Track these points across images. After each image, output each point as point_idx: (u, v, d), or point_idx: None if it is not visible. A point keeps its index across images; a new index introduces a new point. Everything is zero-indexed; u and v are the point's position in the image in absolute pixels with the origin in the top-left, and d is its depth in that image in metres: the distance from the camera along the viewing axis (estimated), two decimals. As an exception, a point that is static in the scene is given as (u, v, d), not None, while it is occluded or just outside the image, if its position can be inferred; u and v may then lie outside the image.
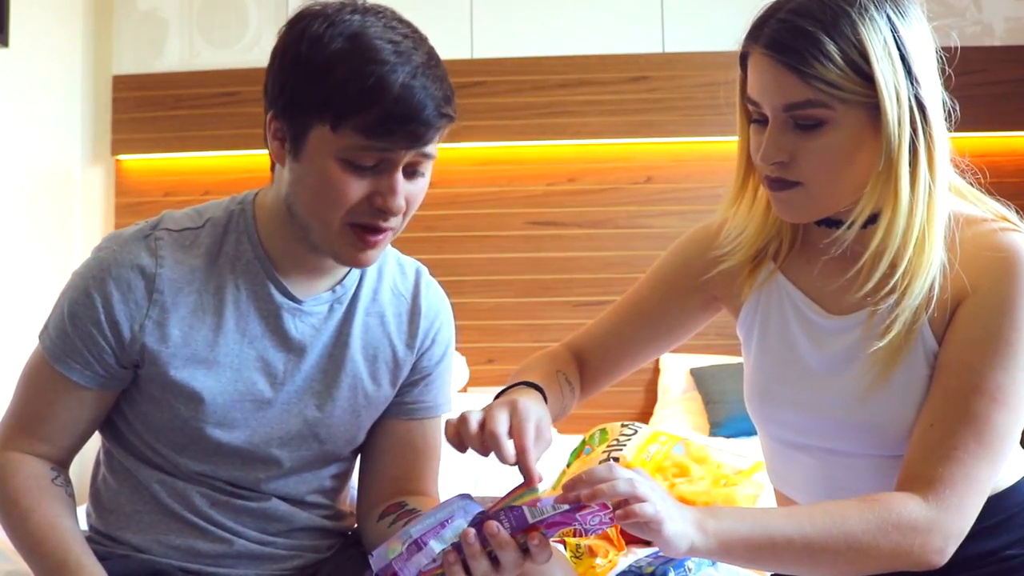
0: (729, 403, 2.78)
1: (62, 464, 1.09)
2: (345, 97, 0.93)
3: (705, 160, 3.21)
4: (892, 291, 0.95)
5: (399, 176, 0.97)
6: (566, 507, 0.82)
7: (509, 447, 0.87)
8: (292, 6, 3.26)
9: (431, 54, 0.98)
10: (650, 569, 1.40)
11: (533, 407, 0.92)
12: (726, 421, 2.77)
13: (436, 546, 0.86)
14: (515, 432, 0.88)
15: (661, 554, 1.50)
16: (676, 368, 3.10)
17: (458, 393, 3.06)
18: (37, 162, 3.06)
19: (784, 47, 0.91)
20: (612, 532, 1.56)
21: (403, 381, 1.17)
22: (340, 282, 1.11)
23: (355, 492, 1.23)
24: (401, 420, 1.17)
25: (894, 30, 0.91)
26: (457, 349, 3.18)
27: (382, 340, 1.14)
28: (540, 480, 0.88)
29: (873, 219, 0.96)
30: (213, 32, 3.30)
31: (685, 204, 3.18)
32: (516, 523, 0.83)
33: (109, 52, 3.34)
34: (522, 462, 0.87)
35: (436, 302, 1.19)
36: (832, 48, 0.89)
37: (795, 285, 1.06)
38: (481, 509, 0.88)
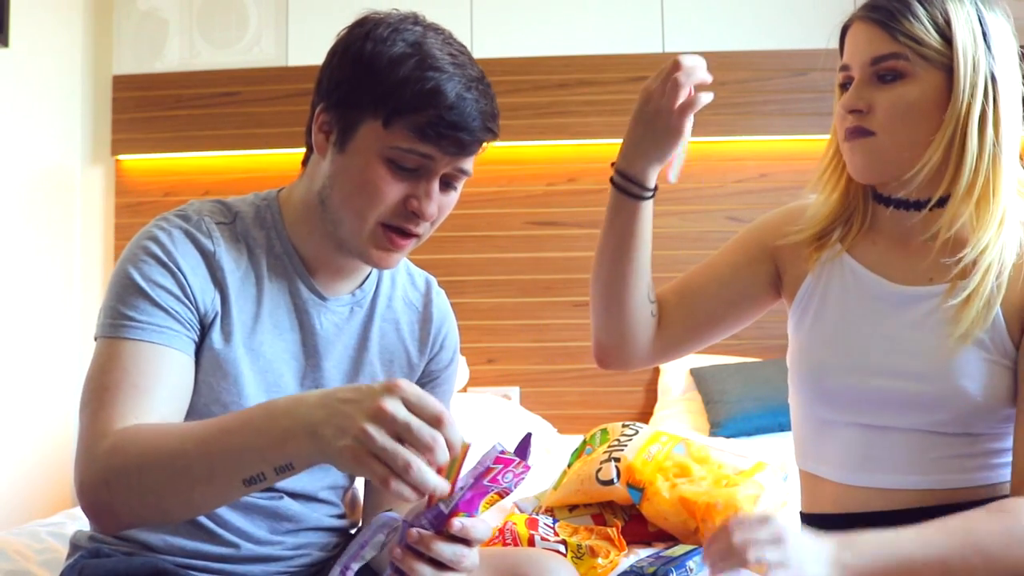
0: (729, 403, 2.78)
1: None
2: (403, 96, 0.97)
3: (705, 160, 3.21)
4: (966, 256, 1.01)
5: (436, 184, 1.02)
6: (471, 481, 0.83)
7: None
8: (292, 6, 3.26)
9: (482, 72, 1.03)
10: (651, 569, 1.40)
11: None
12: (726, 421, 2.76)
13: (355, 566, 0.87)
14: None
15: (662, 554, 1.50)
16: (676, 368, 3.10)
17: (458, 393, 3.06)
18: (37, 162, 3.06)
19: (878, 7, 1.04)
20: (613, 532, 1.56)
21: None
22: (360, 286, 1.14)
23: (358, 492, 1.24)
24: None
25: (979, 12, 1.02)
26: (457, 349, 3.17)
27: (397, 346, 1.17)
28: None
29: (941, 203, 1.04)
30: (213, 32, 3.30)
31: (685, 204, 3.18)
32: (435, 519, 0.84)
33: (109, 52, 3.33)
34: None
35: (444, 309, 1.23)
36: (920, 11, 1.01)
37: (861, 263, 1.11)
38: (397, 517, 0.88)
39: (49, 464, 3.00)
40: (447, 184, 1.05)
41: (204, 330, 1.03)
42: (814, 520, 1.13)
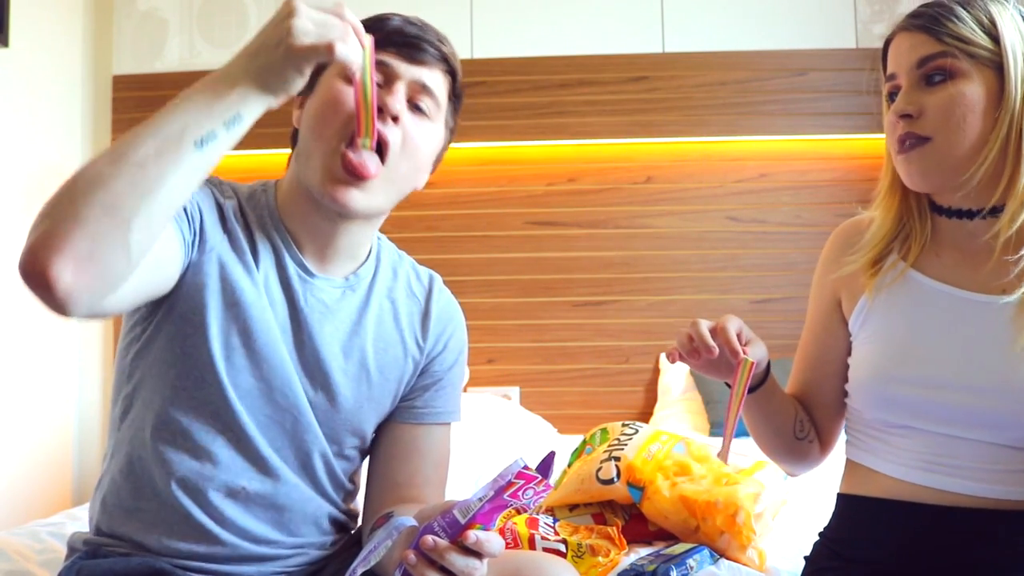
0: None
1: None
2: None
3: (705, 160, 3.21)
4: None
5: (400, 88, 1.05)
6: (491, 493, 0.83)
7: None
8: (292, 6, 3.26)
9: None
10: (652, 567, 1.40)
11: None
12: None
13: (360, 569, 0.88)
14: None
15: (663, 552, 1.50)
16: (676, 368, 3.10)
17: (458, 393, 3.06)
18: (37, 162, 3.06)
19: (921, 15, 1.06)
20: (614, 531, 1.56)
21: (411, 383, 1.18)
22: (354, 272, 1.14)
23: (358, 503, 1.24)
24: (411, 424, 1.18)
25: (1021, 12, 1.03)
26: (457, 349, 3.16)
27: (394, 335, 1.16)
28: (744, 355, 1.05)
29: (1000, 209, 1.03)
30: (213, 32, 3.30)
31: (685, 204, 3.18)
32: (451, 528, 0.84)
33: (109, 52, 3.33)
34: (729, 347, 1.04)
35: (449, 309, 1.23)
36: (963, 13, 1.03)
37: (929, 276, 1.10)
38: (413, 523, 0.89)
39: (49, 464, 3.00)
40: (416, 107, 1.07)
41: (200, 267, 1.04)
42: (855, 502, 1.13)
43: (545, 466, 0.86)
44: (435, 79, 1.08)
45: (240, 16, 3.28)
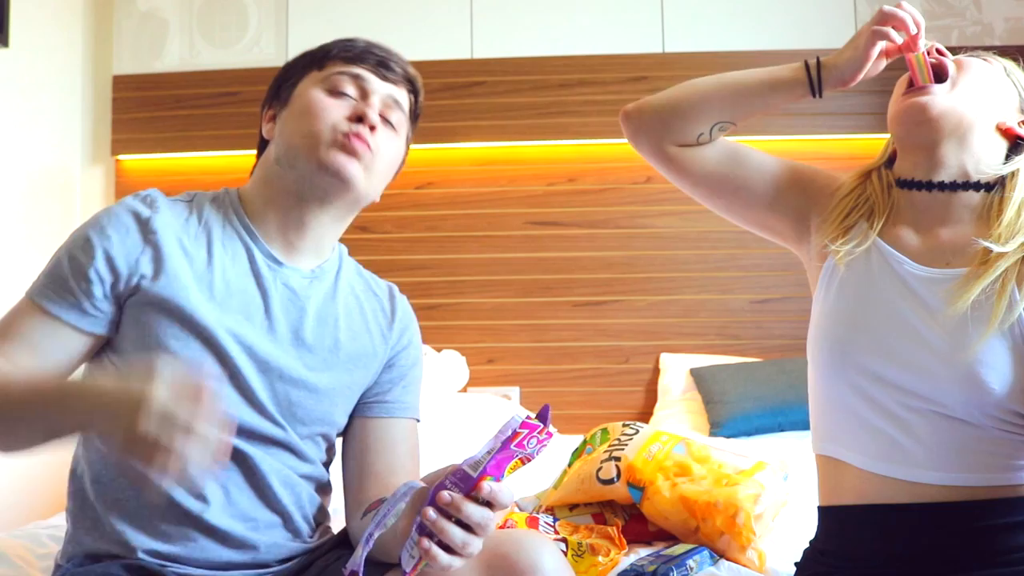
0: (729, 403, 2.78)
1: None
2: (333, 47, 1.19)
3: (705, 160, 3.21)
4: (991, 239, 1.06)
5: (375, 102, 1.16)
6: (498, 445, 0.86)
7: None
8: (292, 6, 3.26)
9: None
10: (652, 568, 1.40)
11: None
12: (726, 421, 2.76)
13: (376, 533, 0.91)
14: None
15: (663, 553, 1.50)
16: (676, 368, 3.10)
17: (458, 393, 3.06)
18: (37, 162, 3.06)
19: None
20: (614, 532, 1.56)
21: (379, 375, 1.23)
22: (319, 265, 1.21)
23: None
24: (383, 418, 1.22)
25: None
26: (457, 349, 3.17)
27: (361, 326, 1.22)
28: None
29: (974, 186, 1.10)
30: (213, 32, 3.30)
31: (685, 204, 3.17)
32: (464, 484, 0.87)
33: (109, 52, 3.33)
34: None
35: (409, 311, 1.30)
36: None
37: (890, 246, 1.14)
38: (422, 485, 0.93)
39: (48, 465, 3.00)
40: (386, 122, 1.17)
41: (134, 289, 1.08)
42: (833, 513, 1.13)
43: (543, 416, 0.89)
44: (403, 96, 1.20)
45: (240, 16, 3.28)
